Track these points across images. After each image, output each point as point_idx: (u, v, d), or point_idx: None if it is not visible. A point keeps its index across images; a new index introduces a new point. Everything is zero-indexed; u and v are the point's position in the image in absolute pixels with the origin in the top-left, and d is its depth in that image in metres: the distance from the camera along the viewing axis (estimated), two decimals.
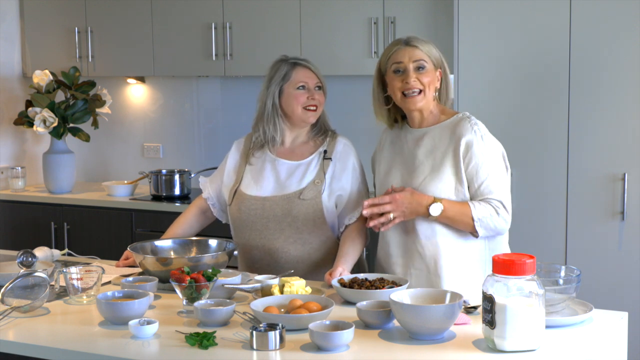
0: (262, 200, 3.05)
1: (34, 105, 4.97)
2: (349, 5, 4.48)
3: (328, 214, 3.03)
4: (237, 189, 3.11)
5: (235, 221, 3.12)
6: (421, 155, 2.85)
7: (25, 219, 5.11)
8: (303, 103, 3.05)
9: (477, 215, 2.74)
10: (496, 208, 2.76)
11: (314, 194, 3.02)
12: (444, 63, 2.89)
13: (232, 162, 3.19)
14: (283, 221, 3.02)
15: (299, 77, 3.06)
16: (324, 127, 3.15)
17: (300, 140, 3.13)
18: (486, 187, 2.77)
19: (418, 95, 2.82)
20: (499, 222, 2.78)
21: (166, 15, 4.96)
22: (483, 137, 2.80)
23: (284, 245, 3.03)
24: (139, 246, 3.01)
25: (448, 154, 2.80)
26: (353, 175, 3.08)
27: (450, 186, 2.78)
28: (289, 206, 3.02)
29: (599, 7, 3.74)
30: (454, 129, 2.82)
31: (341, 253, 2.95)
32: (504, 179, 2.82)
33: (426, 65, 2.82)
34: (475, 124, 2.82)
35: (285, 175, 3.07)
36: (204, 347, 2.22)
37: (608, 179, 3.78)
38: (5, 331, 2.41)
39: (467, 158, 2.77)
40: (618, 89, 3.74)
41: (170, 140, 5.40)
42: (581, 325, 2.39)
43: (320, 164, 3.07)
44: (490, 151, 2.79)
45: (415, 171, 2.84)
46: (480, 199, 2.78)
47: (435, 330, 2.26)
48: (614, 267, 3.79)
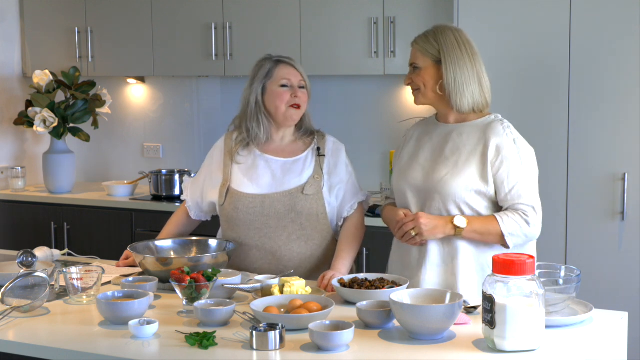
0: (261, 197, 3.03)
1: (34, 105, 4.97)
2: (349, 5, 4.48)
3: (330, 209, 3.04)
4: (229, 188, 3.08)
5: (230, 221, 3.07)
6: (448, 151, 2.79)
7: (25, 219, 5.11)
8: (287, 101, 3.02)
9: (507, 230, 2.69)
10: (526, 217, 2.69)
11: (316, 189, 3.02)
12: (444, 56, 2.75)
13: (216, 163, 3.14)
14: (286, 217, 3.01)
15: (282, 74, 3.04)
16: (310, 127, 3.14)
17: (288, 140, 3.11)
18: (517, 192, 2.70)
19: (415, 92, 2.83)
20: (530, 231, 2.72)
21: (166, 15, 4.96)
22: (515, 140, 2.74)
23: (287, 243, 3.01)
24: (139, 246, 3.01)
25: (475, 154, 2.74)
26: (346, 169, 3.09)
27: (470, 184, 2.72)
28: (292, 202, 3.00)
29: (599, 7, 3.74)
30: (485, 130, 2.76)
31: (338, 254, 2.96)
32: (535, 183, 2.76)
33: (419, 65, 2.80)
34: (508, 127, 2.77)
35: (281, 171, 3.05)
36: (204, 347, 2.22)
37: (608, 179, 3.78)
38: (5, 331, 2.41)
39: (498, 161, 2.71)
40: (618, 89, 3.74)
41: (170, 140, 5.40)
42: (581, 325, 2.39)
43: (315, 160, 3.07)
44: (522, 155, 2.74)
45: (438, 165, 2.79)
46: (509, 205, 2.72)
47: (435, 330, 2.26)
48: (614, 267, 3.79)
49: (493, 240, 2.73)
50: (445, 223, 2.72)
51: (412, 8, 4.33)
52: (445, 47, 2.77)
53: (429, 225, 2.72)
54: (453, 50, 2.76)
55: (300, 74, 3.06)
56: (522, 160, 2.73)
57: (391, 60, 4.38)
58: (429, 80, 2.79)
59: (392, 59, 4.37)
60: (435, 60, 2.78)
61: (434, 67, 2.79)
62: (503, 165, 2.71)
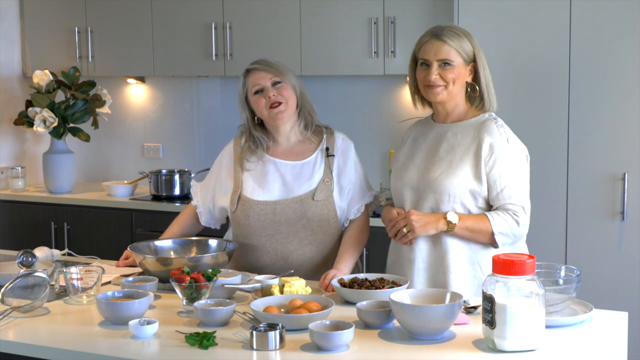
0: (273, 204, 3.02)
1: (34, 105, 4.97)
2: (349, 5, 4.48)
3: (340, 212, 3.03)
4: (240, 195, 3.07)
5: (242, 228, 3.06)
6: (442, 151, 2.81)
7: (25, 219, 5.11)
8: (263, 105, 3.02)
9: (498, 229, 2.72)
10: (516, 217, 2.73)
11: (327, 194, 3.01)
12: (478, 57, 2.82)
13: (225, 169, 3.14)
14: (297, 224, 3.00)
15: (252, 81, 3.04)
16: (314, 122, 3.11)
17: (294, 140, 3.10)
18: (508, 192, 2.73)
19: (438, 87, 2.80)
20: (519, 231, 2.76)
21: (166, 15, 4.96)
22: (509, 139, 2.77)
23: (298, 248, 3.01)
24: (139, 246, 3.01)
25: (469, 153, 2.76)
26: (355, 168, 3.08)
27: (465, 183, 2.74)
28: (303, 208, 3.00)
29: (599, 7, 3.74)
30: (479, 129, 2.79)
31: (341, 255, 2.96)
32: (526, 183, 2.79)
33: (452, 62, 2.78)
34: (502, 126, 2.79)
35: (291, 176, 3.04)
36: (204, 347, 2.22)
37: (608, 179, 3.78)
38: (5, 331, 2.41)
39: (491, 160, 2.73)
40: (618, 89, 3.74)
41: (170, 140, 5.40)
42: (581, 325, 2.39)
43: (325, 161, 3.06)
44: (515, 155, 2.76)
45: (433, 165, 2.80)
46: (500, 205, 2.74)
47: (435, 330, 2.26)
48: (614, 267, 3.79)
49: (483, 239, 2.75)
50: (437, 219, 2.74)
51: (412, 8, 4.33)
52: (476, 48, 2.83)
53: (420, 221, 2.74)
54: (480, 50, 2.84)
55: (270, 74, 3.02)
56: (514, 160, 2.76)
57: (391, 60, 4.38)
58: (460, 77, 2.80)
59: (392, 59, 4.37)
60: (465, 60, 2.80)
61: (463, 66, 2.80)
62: (496, 164, 2.73)
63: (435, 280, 2.81)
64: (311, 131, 3.10)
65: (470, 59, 2.82)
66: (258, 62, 3.08)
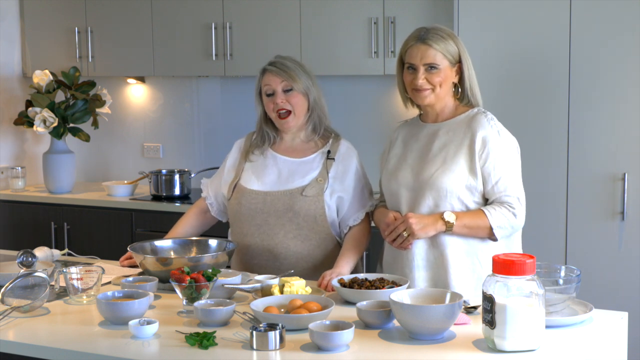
0: (264, 194, 3.06)
1: (34, 105, 4.97)
2: (349, 5, 4.48)
3: (329, 212, 3.04)
4: (236, 184, 3.12)
5: (234, 215, 3.12)
6: (435, 149, 2.83)
7: (25, 219, 5.11)
8: (271, 109, 3.06)
9: (496, 223, 2.74)
10: (512, 209, 2.75)
11: (317, 192, 3.02)
12: (463, 58, 2.83)
13: (232, 160, 3.21)
14: (284, 216, 3.02)
15: (264, 82, 3.07)
16: (325, 128, 3.14)
17: (299, 140, 3.13)
18: (503, 184, 2.76)
19: (426, 91, 2.81)
20: (517, 222, 2.78)
21: (166, 15, 4.96)
22: (499, 132, 2.79)
23: (283, 241, 3.03)
24: (139, 246, 3.01)
25: (462, 148, 2.78)
26: (356, 177, 3.09)
27: (461, 179, 2.76)
28: (291, 201, 3.02)
29: (599, 7, 3.74)
30: (470, 123, 2.81)
31: (342, 254, 2.96)
32: (519, 174, 2.82)
33: (438, 66, 2.79)
34: (492, 119, 2.82)
35: (287, 171, 3.08)
36: (204, 347, 2.22)
37: (608, 179, 3.78)
38: (5, 331, 2.41)
39: (484, 154, 2.76)
40: (618, 89, 3.74)
41: (170, 140, 5.40)
42: (581, 325, 2.39)
43: (323, 163, 3.08)
44: (507, 147, 2.79)
45: (427, 164, 2.82)
46: (495, 197, 2.77)
47: (435, 330, 2.26)
48: (614, 267, 3.79)
49: (482, 234, 2.77)
50: (435, 220, 2.75)
51: (412, 8, 4.33)
52: (461, 48, 2.84)
53: (419, 224, 2.74)
54: (465, 51, 2.85)
55: (282, 78, 3.04)
56: (506, 152, 2.79)
57: (391, 60, 4.37)
58: (447, 80, 2.82)
59: (392, 59, 4.37)
60: (451, 62, 2.82)
61: (449, 68, 2.82)
62: (489, 157, 2.76)
63: (435, 277, 2.82)
64: (319, 135, 3.12)
65: (456, 60, 2.83)
66: (274, 63, 3.08)
